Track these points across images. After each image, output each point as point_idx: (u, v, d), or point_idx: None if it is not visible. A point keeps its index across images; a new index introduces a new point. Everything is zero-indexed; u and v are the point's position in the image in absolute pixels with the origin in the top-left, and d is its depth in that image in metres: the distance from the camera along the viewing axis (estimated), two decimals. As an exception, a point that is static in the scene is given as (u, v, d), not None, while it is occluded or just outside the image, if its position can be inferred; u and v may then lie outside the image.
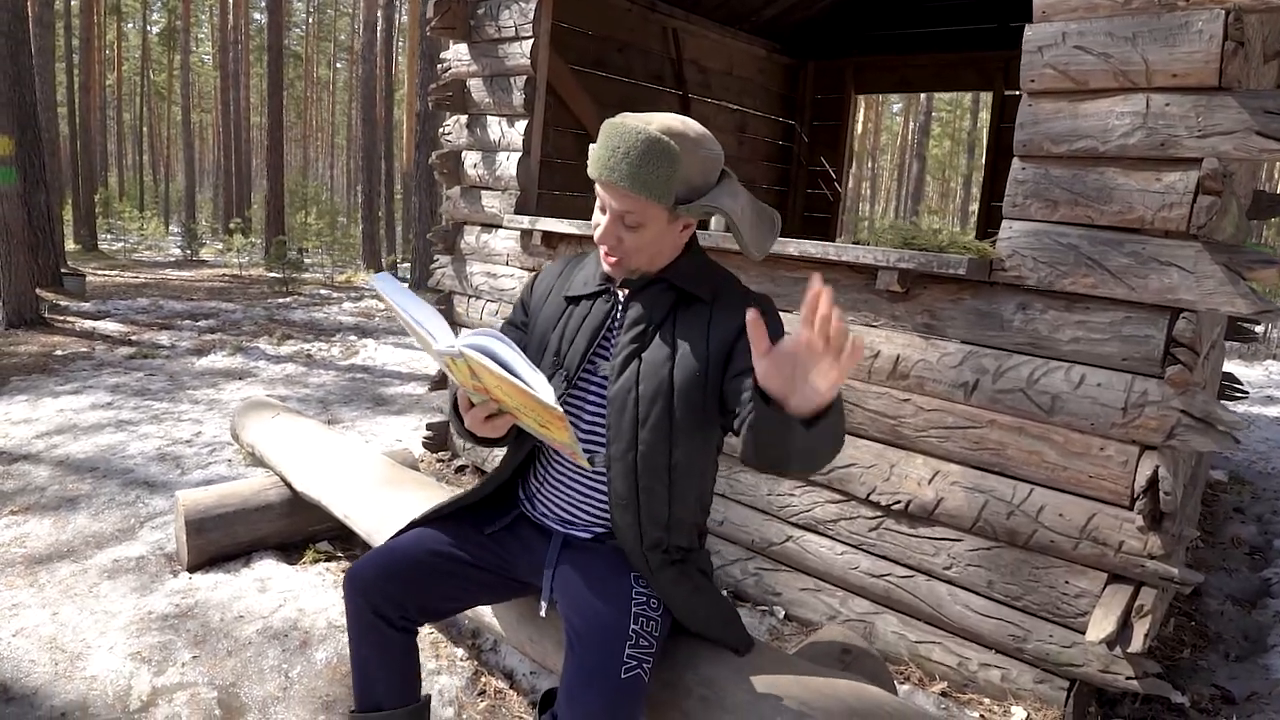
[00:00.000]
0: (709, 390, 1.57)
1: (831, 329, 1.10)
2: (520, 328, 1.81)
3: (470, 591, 1.79)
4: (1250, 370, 9.02)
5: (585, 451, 1.58)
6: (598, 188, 1.55)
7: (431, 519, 1.82)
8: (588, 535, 1.71)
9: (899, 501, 2.63)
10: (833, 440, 1.31)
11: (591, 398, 1.65)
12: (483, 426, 1.52)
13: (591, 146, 1.56)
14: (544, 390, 1.29)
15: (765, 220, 1.64)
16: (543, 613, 1.69)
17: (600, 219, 1.57)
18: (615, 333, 1.65)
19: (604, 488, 1.65)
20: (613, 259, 1.59)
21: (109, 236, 22.13)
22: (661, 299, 1.62)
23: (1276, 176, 25.91)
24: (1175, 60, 2.05)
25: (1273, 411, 7.02)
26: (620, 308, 1.66)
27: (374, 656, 1.72)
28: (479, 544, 1.76)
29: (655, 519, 1.61)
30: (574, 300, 1.71)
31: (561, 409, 1.30)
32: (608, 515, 1.67)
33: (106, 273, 13.84)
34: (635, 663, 1.47)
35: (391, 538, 1.80)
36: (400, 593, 1.69)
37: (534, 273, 1.83)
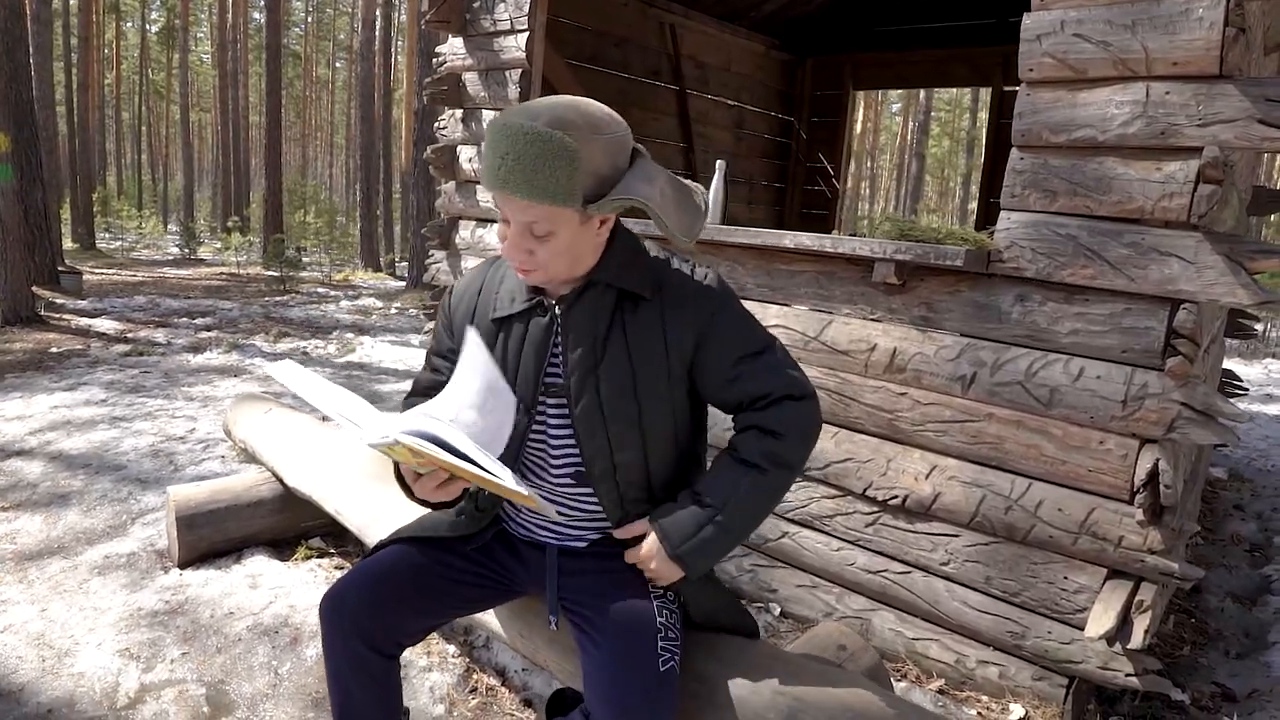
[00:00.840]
0: (675, 393, 1.50)
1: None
2: (448, 356, 1.62)
3: (460, 606, 1.71)
4: (1249, 368, 9.00)
5: (567, 468, 1.55)
6: (495, 197, 1.37)
7: (407, 539, 1.69)
8: (582, 544, 1.63)
9: (896, 496, 2.60)
10: (732, 540, 1.51)
11: (553, 419, 1.53)
12: (435, 494, 1.42)
13: (482, 148, 1.43)
14: (507, 477, 1.21)
15: (689, 200, 1.48)
16: (553, 627, 1.63)
17: (506, 231, 1.39)
18: (560, 348, 1.50)
19: (589, 505, 1.58)
20: (527, 272, 1.43)
21: (107, 235, 22.09)
22: (602, 303, 1.46)
23: (1275, 176, 25.89)
24: (1175, 48, 2.02)
25: (1272, 409, 7.00)
26: (559, 320, 1.49)
27: (357, 684, 1.59)
28: (464, 557, 1.66)
29: (639, 506, 1.56)
30: (504, 321, 1.53)
31: (527, 490, 1.22)
32: (597, 524, 1.61)
33: (104, 271, 13.82)
34: (669, 655, 1.43)
35: (367, 555, 1.69)
36: (387, 617, 1.57)
37: (447, 290, 1.70)
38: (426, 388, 1.62)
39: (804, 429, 1.48)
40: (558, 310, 1.49)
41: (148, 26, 37.25)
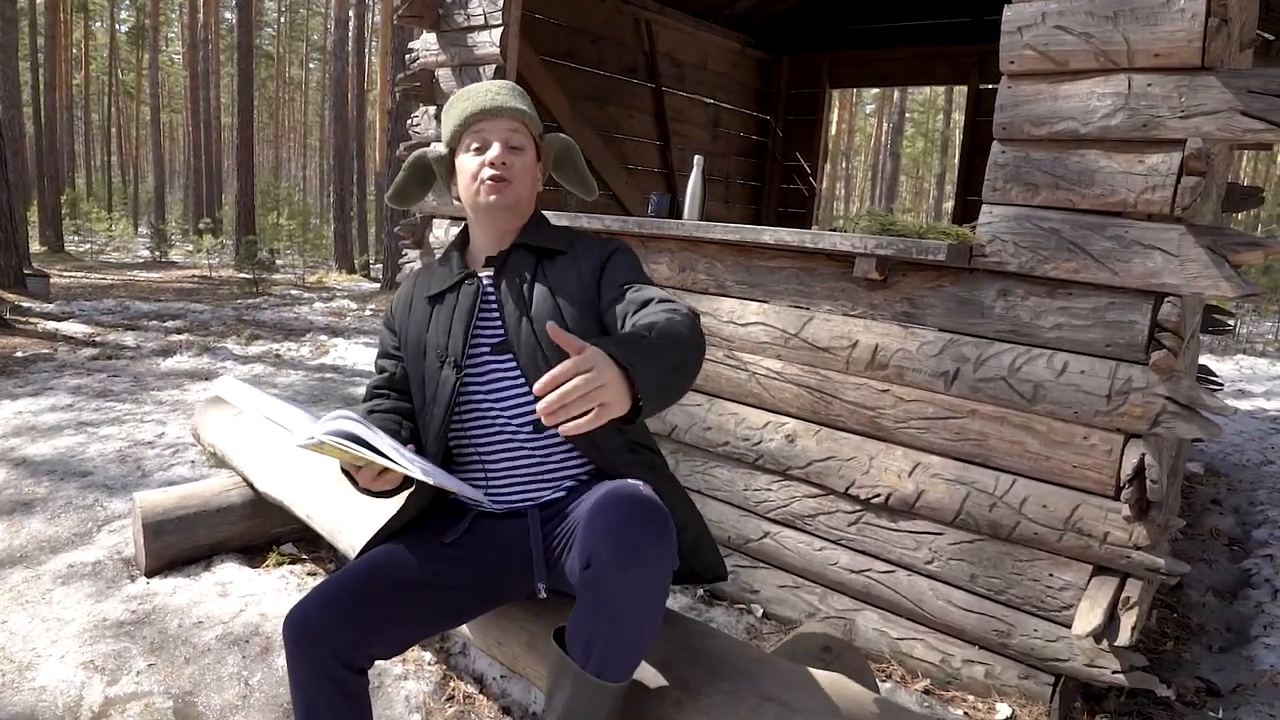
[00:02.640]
0: (595, 313, 1.69)
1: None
2: (393, 355, 1.83)
3: (438, 612, 1.65)
4: (1222, 364, 9.09)
5: (526, 420, 1.66)
6: (475, 132, 1.69)
7: (384, 539, 1.70)
8: (562, 494, 1.68)
9: (879, 495, 2.57)
10: (671, 380, 1.34)
11: (507, 375, 1.67)
12: (376, 483, 1.52)
13: (446, 115, 1.73)
14: (417, 470, 1.33)
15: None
16: (541, 594, 1.63)
17: (485, 156, 1.68)
18: (490, 310, 1.70)
19: (556, 452, 1.68)
20: (505, 182, 1.68)
21: (76, 238, 21.72)
22: (525, 260, 1.73)
23: (1243, 178, 26.31)
24: (1157, 39, 2.00)
25: (1245, 404, 7.07)
26: (489, 284, 1.73)
27: (323, 700, 1.52)
28: (443, 559, 1.63)
29: (607, 430, 1.56)
30: (437, 298, 1.75)
31: (443, 480, 1.37)
32: (573, 467, 1.69)
33: (73, 274, 13.58)
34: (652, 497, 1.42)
35: (341, 570, 1.64)
36: (359, 633, 1.52)
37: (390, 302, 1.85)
38: (376, 388, 1.81)
39: (691, 318, 1.50)
40: (483, 277, 1.73)
41: (117, 26, 36.75)
